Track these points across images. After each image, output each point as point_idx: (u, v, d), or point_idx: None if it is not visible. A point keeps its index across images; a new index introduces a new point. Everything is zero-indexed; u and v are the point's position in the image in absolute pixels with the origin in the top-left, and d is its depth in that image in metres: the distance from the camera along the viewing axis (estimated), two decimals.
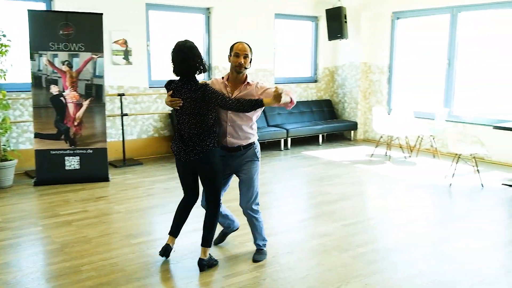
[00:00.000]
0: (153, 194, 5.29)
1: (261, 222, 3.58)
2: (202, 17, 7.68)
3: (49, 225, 4.25)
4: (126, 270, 3.34)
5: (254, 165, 3.43)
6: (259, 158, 3.47)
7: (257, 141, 3.52)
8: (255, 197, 3.48)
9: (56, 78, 5.61)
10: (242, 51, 3.41)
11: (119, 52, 6.79)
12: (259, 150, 3.49)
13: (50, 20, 5.55)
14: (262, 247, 3.62)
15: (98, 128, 5.81)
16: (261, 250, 3.62)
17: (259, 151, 3.48)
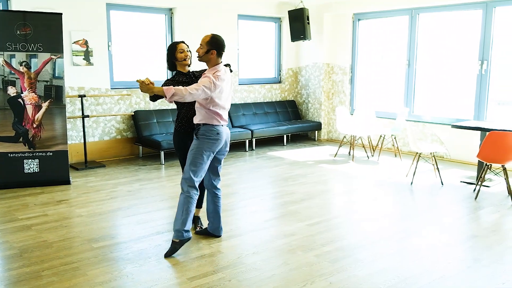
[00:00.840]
0: (116, 197, 5.21)
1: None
2: (164, 18, 7.61)
3: (7, 229, 4.12)
4: (88, 274, 3.27)
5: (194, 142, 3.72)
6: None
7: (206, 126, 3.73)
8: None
9: (14, 79, 5.44)
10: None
11: (79, 52, 6.64)
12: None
13: (7, 19, 5.38)
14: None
15: (58, 130, 5.67)
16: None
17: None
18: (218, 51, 3.65)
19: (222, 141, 3.71)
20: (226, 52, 3.82)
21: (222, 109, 3.66)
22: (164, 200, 5.11)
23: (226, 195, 5.30)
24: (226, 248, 3.77)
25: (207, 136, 3.61)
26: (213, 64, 3.66)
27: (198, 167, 3.60)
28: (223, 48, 3.69)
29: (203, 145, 3.61)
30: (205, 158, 3.62)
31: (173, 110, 7.61)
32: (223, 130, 3.71)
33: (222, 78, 3.58)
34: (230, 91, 3.76)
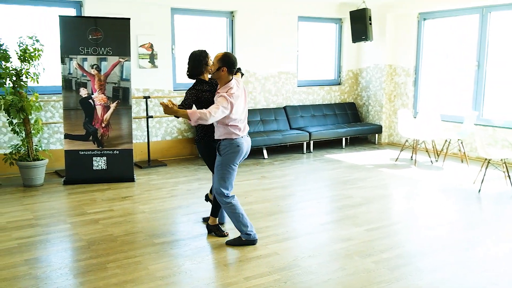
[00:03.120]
0: (176, 195, 5.38)
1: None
2: (225, 21, 7.75)
3: (77, 223, 4.38)
4: (149, 268, 3.41)
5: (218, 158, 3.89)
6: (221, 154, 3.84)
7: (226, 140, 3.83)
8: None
9: (85, 81, 5.77)
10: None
11: (145, 55, 6.93)
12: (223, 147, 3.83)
13: (80, 25, 5.72)
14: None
15: (124, 130, 5.94)
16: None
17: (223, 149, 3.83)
18: (229, 68, 3.73)
19: (244, 151, 3.88)
20: (285, 54, 3.83)
21: (240, 121, 3.80)
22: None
23: (283, 197, 5.32)
24: (282, 250, 3.78)
25: (228, 151, 3.79)
26: (225, 81, 3.77)
27: (227, 181, 3.84)
28: (234, 66, 3.77)
29: (227, 159, 3.80)
30: (231, 170, 3.84)
31: None
32: (243, 141, 3.85)
33: (237, 95, 3.73)
34: (245, 102, 3.90)
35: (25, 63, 5.48)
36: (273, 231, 4.20)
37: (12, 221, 4.41)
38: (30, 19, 6.22)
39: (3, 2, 6.01)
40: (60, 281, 3.21)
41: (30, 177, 5.61)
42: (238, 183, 5.92)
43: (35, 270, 3.37)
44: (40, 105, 5.75)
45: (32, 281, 3.20)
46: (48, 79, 6.06)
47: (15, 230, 4.16)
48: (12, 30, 5.96)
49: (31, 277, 3.26)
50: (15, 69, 5.46)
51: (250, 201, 5.13)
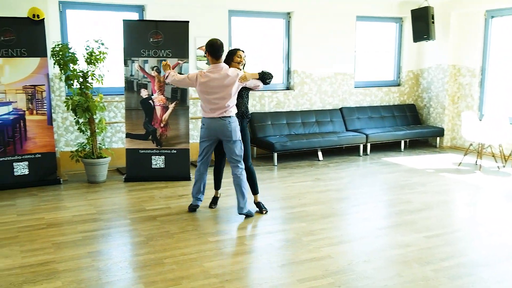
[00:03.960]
0: (231, 194, 5.42)
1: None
2: (282, 22, 7.76)
3: (136, 218, 4.54)
4: (204, 266, 3.47)
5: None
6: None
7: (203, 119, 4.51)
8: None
9: (146, 83, 5.98)
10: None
11: (202, 57, 7.07)
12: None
13: (142, 28, 5.93)
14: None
15: (182, 130, 6.10)
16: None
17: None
18: (210, 53, 4.30)
19: (208, 131, 4.43)
20: (343, 55, 3.77)
21: (207, 102, 4.35)
22: (275, 201, 5.21)
23: (337, 200, 5.24)
24: (337, 253, 3.73)
25: (201, 126, 4.53)
26: (211, 63, 4.35)
27: (200, 150, 4.61)
28: (214, 51, 4.28)
29: (200, 133, 4.55)
30: (200, 142, 4.55)
31: (288, 113, 7.73)
32: (208, 121, 4.41)
33: (206, 74, 4.29)
34: (219, 91, 4.28)
35: (91, 65, 5.75)
36: (327, 234, 4.15)
37: (77, 215, 4.65)
38: (96, 23, 6.54)
39: (72, 7, 6.36)
40: (120, 274, 3.35)
41: (94, 173, 5.89)
42: (292, 184, 5.91)
43: (97, 262, 3.53)
44: (104, 105, 6.01)
45: (95, 273, 3.35)
46: (112, 80, 6.33)
47: (80, 223, 4.38)
48: (80, 35, 6.30)
49: (93, 268, 3.42)
50: (82, 71, 5.75)
51: (304, 203, 5.09)
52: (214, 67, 4.32)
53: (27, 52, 5.55)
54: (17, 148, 5.62)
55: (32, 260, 3.55)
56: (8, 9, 5.55)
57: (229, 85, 4.29)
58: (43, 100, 5.72)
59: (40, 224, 4.37)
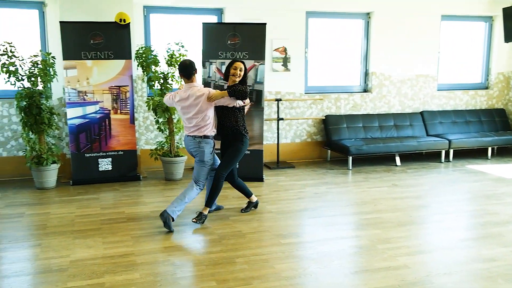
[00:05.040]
0: (304, 197, 5.39)
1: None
2: (361, 23, 7.57)
3: (210, 216, 4.63)
4: (275, 267, 3.46)
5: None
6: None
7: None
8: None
9: (223, 84, 6.09)
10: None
11: (278, 59, 7.08)
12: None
13: (220, 31, 6.06)
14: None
15: (256, 131, 6.14)
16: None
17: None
18: (180, 72, 4.36)
19: (187, 147, 4.47)
20: (425, 56, 3.59)
21: (184, 120, 4.40)
22: (349, 206, 5.08)
23: (416, 207, 5.00)
24: (414, 263, 3.55)
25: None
26: (185, 83, 4.38)
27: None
28: (182, 71, 4.32)
29: None
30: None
31: (365, 116, 7.53)
32: (186, 138, 4.45)
33: (179, 94, 4.34)
34: (190, 110, 4.29)
35: (171, 67, 5.98)
36: (404, 243, 3.97)
37: (155, 210, 4.84)
38: (177, 26, 6.79)
39: (155, 12, 6.66)
40: (194, 270, 3.43)
41: (171, 171, 6.11)
42: (367, 189, 5.73)
43: (172, 257, 3.64)
44: None
45: (170, 267, 3.46)
46: None
47: (157, 219, 4.54)
48: (162, 38, 6.57)
49: (169, 263, 3.54)
50: (163, 73, 6.00)
51: (380, 209, 4.92)
52: (186, 87, 4.35)
53: (114, 55, 5.89)
54: (102, 145, 5.98)
55: (112, 252, 3.74)
56: (98, 14, 5.93)
57: (196, 104, 4.26)
58: (126, 100, 6.04)
59: (121, 218, 4.61)
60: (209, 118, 4.34)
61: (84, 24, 5.78)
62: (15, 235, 4.12)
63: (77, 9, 5.87)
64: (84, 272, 3.37)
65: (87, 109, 5.89)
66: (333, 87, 7.64)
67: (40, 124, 5.57)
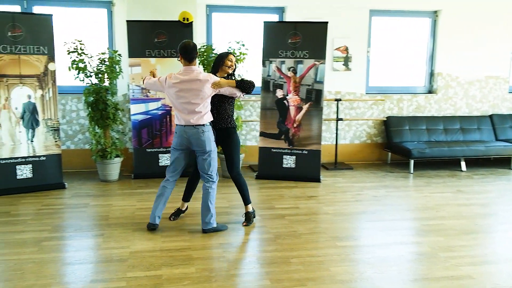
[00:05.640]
0: (361, 200, 5.26)
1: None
2: (428, 21, 7.28)
3: (265, 216, 4.64)
4: (331, 270, 3.39)
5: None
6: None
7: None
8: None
9: (282, 83, 6.08)
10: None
11: (339, 58, 6.96)
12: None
13: (281, 30, 6.05)
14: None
15: (314, 131, 6.07)
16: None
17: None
18: (182, 54, 4.02)
19: (180, 139, 4.09)
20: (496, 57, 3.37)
21: (177, 107, 4.05)
22: (410, 210, 4.90)
23: (482, 215, 4.73)
24: (479, 274, 3.35)
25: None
26: (183, 66, 4.06)
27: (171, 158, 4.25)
28: (186, 53, 3.99)
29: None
30: (172, 150, 4.21)
31: (429, 118, 7.24)
32: (179, 129, 4.09)
33: (177, 76, 4.00)
34: (191, 93, 3.97)
35: None
36: (468, 252, 3.77)
37: None
38: (238, 25, 6.86)
39: (218, 11, 6.75)
40: (248, 268, 3.44)
41: None
42: (429, 194, 5.51)
43: (227, 254, 3.67)
44: (241, 104, 6.26)
45: (225, 264, 3.49)
46: None
47: (216, 215, 4.61)
48: (223, 36, 6.66)
49: (224, 259, 3.57)
50: None
51: (442, 216, 4.70)
52: (186, 70, 4.01)
53: (176, 53, 6.00)
54: (163, 141, 6.15)
55: (170, 245, 3.83)
56: (162, 13, 6.10)
57: (199, 89, 3.97)
58: None
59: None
60: (209, 105, 4.12)
61: (149, 23, 5.97)
62: (80, 224, 4.33)
63: (143, 8, 6.07)
64: (142, 263, 3.47)
65: (149, 105, 6.08)
66: (396, 87, 7.40)
67: (106, 119, 5.82)
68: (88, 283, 3.15)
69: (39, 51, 5.39)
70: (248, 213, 4.40)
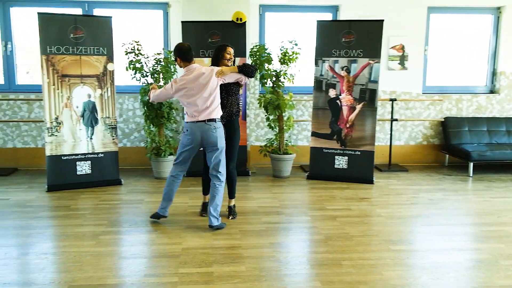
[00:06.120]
0: (417, 203, 5.08)
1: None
2: (490, 18, 6.93)
3: (316, 216, 4.59)
4: (383, 274, 3.30)
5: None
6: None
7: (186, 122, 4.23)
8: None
9: (335, 83, 5.99)
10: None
11: (395, 57, 6.77)
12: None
13: (335, 28, 5.96)
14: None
15: (367, 131, 5.94)
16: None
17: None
18: (180, 57, 4.10)
19: (192, 136, 4.13)
20: None
21: (190, 106, 4.10)
22: (468, 215, 4.68)
23: None
24: None
25: (183, 131, 4.25)
26: (183, 67, 4.14)
27: (177, 157, 4.30)
28: (184, 54, 4.09)
29: (181, 140, 4.28)
30: (181, 149, 4.24)
31: (490, 119, 6.89)
32: (192, 126, 4.12)
33: (182, 78, 4.09)
34: (200, 91, 4.05)
35: (284, 65, 6.02)
36: None
37: (262, 206, 4.92)
38: (290, 24, 6.83)
39: (271, 10, 6.76)
40: (298, 268, 3.41)
41: (279, 168, 6.16)
42: (490, 199, 5.24)
43: (278, 254, 3.66)
44: (293, 103, 6.23)
45: (275, 263, 3.48)
46: (301, 80, 6.52)
47: (264, 215, 4.62)
48: (276, 36, 6.66)
49: (274, 259, 3.56)
50: (275, 71, 6.06)
51: (504, 222, 4.46)
52: (188, 69, 4.11)
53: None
54: None
55: (221, 243, 3.87)
56: (215, 14, 6.18)
57: (206, 82, 4.05)
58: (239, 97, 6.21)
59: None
60: (219, 98, 4.17)
61: (203, 24, 6.06)
62: (135, 220, 4.47)
63: (198, 9, 6.18)
64: (194, 260, 3.53)
65: None
66: (455, 87, 7.11)
67: (160, 118, 5.97)
68: (142, 277, 3.24)
69: (99, 52, 5.61)
70: (234, 206, 4.59)
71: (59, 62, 5.45)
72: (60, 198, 5.17)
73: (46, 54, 5.38)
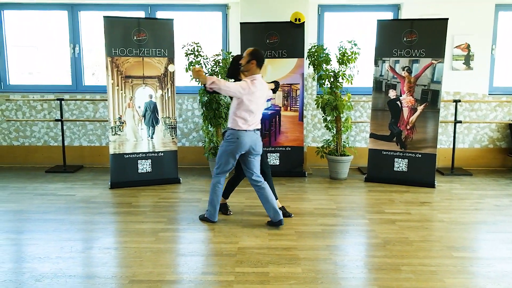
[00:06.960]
0: (481, 209, 4.84)
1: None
2: None
3: (374, 220, 4.48)
4: (445, 281, 3.17)
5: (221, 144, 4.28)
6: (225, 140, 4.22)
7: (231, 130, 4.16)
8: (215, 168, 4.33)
9: (395, 83, 5.83)
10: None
11: (459, 57, 6.49)
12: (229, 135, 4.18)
13: (396, 28, 5.80)
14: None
15: (429, 134, 5.73)
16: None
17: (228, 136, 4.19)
18: (258, 61, 4.07)
19: (243, 145, 4.09)
20: None
21: (249, 115, 4.08)
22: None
23: None
24: None
25: (230, 139, 4.14)
26: (252, 73, 4.10)
27: (220, 167, 4.24)
28: (262, 60, 4.10)
29: (226, 147, 4.16)
30: (227, 158, 4.17)
31: None
32: (245, 135, 4.09)
33: (257, 85, 4.05)
34: (263, 102, 4.17)
35: (343, 65, 5.93)
36: None
37: (318, 208, 4.87)
38: (349, 24, 6.73)
39: (330, 10, 6.69)
40: (355, 272, 3.34)
41: (336, 170, 6.08)
42: None
43: (334, 256, 3.61)
44: (351, 104, 6.13)
45: (331, 266, 3.44)
46: (360, 80, 6.40)
47: (320, 216, 4.58)
48: (335, 36, 6.58)
49: (330, 262, 3.52)
50: (334, 71, 5.99)
51: None
52: (253, 78, 4.11)
53: (287, 53, 6.10)
54: (272, 141, 6.25)
55: (277, 244, 3.87)
56: (274, 15, 6.20)
57: (267, 95, 4.30)
58: (296, 98, 6.20)
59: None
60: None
61: (262, 25, 6.10)
62: (192, 218, 4.57)
63: (256, 10, 6.23)
64: (250, 259, 3.56)
65: None
66: None
67: (218, 118, 6.08)
68: (199, 274, 3.31)
69: (160, 54, 5.80)
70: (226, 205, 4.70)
71: (123, 64, 5.68)
72: (122, 195, 5.39)
73: (111, 56, 5.63)
